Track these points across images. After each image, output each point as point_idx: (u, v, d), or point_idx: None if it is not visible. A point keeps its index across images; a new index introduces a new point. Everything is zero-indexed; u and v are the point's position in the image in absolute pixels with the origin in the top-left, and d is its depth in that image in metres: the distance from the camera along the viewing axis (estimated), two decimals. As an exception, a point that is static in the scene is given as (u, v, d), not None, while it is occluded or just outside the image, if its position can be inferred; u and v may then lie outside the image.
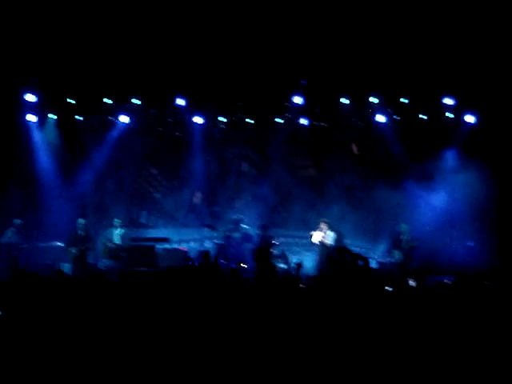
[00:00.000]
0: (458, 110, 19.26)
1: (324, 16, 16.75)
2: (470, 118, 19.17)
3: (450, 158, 19.27)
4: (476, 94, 18.54)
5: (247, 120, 20.60)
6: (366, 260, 10.79)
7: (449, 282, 10.95)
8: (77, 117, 19.94)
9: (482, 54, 17.12)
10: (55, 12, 16.41)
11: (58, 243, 18.42)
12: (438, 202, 18.80)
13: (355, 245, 20.30)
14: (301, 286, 10.98)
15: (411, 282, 11.98)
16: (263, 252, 17.69)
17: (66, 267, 17.41)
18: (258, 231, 19.15)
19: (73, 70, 18.18)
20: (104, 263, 18.24)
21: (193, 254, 18.99)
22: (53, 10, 16.34)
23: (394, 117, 19.96)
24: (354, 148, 21.12)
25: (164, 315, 8.42)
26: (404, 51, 17.45)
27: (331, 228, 18.02)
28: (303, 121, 20.42)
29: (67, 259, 17.69)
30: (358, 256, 10.79)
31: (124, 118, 19.82)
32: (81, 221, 18.00)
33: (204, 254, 14.66)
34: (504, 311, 8.13)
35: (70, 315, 8.41)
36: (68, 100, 19.17)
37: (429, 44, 17.16)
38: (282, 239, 18.91)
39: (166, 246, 19.54)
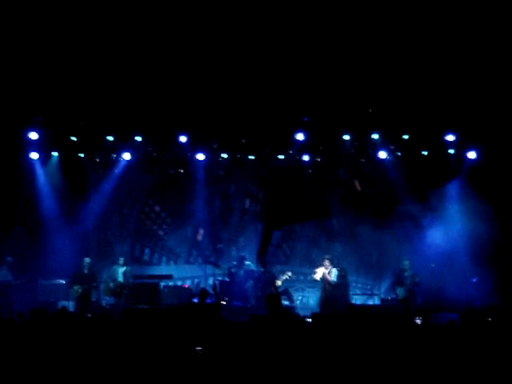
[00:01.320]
0: (460, 146, 19.28)
1: (326, 54, 16.84)
2: (471, 154, 19.17)
3: (451, 193, 19.25)
4: (477, 130, 18.59)
5: (249, 156, 20.61)
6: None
7: (455, 321, 10.88)
8: (79, 154, 19.93)
9: (482, 90, 17.20)
10: (58, 50, 16.50)
11: (61, 281, 18.39)
12: (440, 237, 18.74)
13: (359, 281, 20.32)
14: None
15: (417, 321, 11.97)
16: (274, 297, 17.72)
17: (69, 304, 17.40)
18: (262, 268, 19.16)
19: (75, 107, 18.24)
20: (107, 301, 18.20)
21: (196, 292, 18.97)
22: (56, 48, 16.44)
23: (396, 153, 19.98)
24: (357, 184, 21.12)
25: (163, 353, 8.38)
26: (405, 88, 17.52)
27: (334, 264, 17.97)
28: (305, 157, 20.42)
29: (69, 297, 17.65)
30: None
31: (126, 155, 19.83)
32: (87, 260, 18.04)
33: (201, 292, 14.53)
34: (507, 348, 8.09)
35: (74, 353, 8.40)
36: (71, 137, 19.18)
37: (429, 81, 17.23)
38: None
39: (169, 283, 19.50)
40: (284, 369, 7.96)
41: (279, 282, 18.19)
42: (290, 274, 18.43)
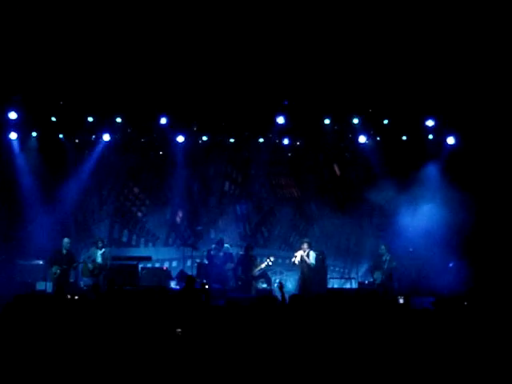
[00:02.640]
0: (439, 132, 19.39)
1: (307, 38, 16.84)
2: (450, 140, 19.30)
3: (429, 178, 19.37)
4: (457, 116, 18.70)
5: (229, 139, 20.61)
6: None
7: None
8: (59, 135, 19.82)
9: (462, 76, 17.29)
10: (38, 30, 16.37)
11: (39, 261, 18.35)
12: (419, 222, 18.86)
13: (336, 265, 20.44)
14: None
15: (400, 300, 12.13)
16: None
17: (47, 285, 17.40)
18: (241, 252, 19.21)
19: (55, 88, 18.13)
20: (85, 282, 18.18)
21: (174, 274, 19.02)
22: (35, 28, 16.31)
23: (376, 138, 20.08)
24: (336, 169, 21.21)
25: (141, 335, 8.41)
26: (385, 73, 17.57)
27: (313, 248, 18.05)
28: (286, 141, 20.46)
29: (48, 278, 17.62)
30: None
31: (106, 137, 19.75)
32: (66, 240, 17.97)
33: (188, 278, 14.52)
34: (481, 331, 8.20)
35: (51, 333, 8.40)
36: (50, 118, 19.06)
37: (410, 66, 17.29)
38: (263, 259, 18.83)
39: (148, 264, 19.52)
40: (262, 351, 8.01)
41: (261, 266, 18.27)
42: (272, 259, 18.49)
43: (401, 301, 12.04)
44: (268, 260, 18.35)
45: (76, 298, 11.97)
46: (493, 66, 16.94)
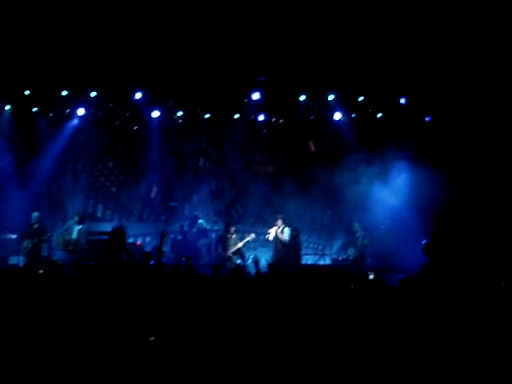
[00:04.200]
0: (413, 109, 19.48)
1: (283, 14, 16.80)
2: (424, 117, 19.41)
3: (404, 156, 19.46)
4: (431, 94, 18.77)
5: (205, 115, 20.57)
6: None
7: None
8: (32, 108, 19.68)
9: (437, 54, 17.35)
10: (12, 4, 16.23)
11: (11, 235, 18.28)
12: (392, 200, 18.95)
13: (310, 241, 20.52)
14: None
15: (370, 276, 12.21)
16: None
17: (19, 259, 17.34)
18: (215, 227, 19.26)
19: (29, 61, 17.97)
20: (58, 256, 18.12)
21: (148, 249, 19.00)
22: (10, 2, 16.17)
23: (351, 115, 20.14)
24: (311, 145, 21.25)
25: (110, 308, 8.43)
26: (361, 50, 17.60)
27: (287, 224, 18.10)
28: (261, 117, 20.46)
29: (20, 252, 17.56)
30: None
31: (80, 111, 19.64)
32: (35, 214, 17.87)
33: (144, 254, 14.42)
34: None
35: (23, 307, 8.39)
36: (24, 91, 18.92)
37: (385, 45, 17.33)
38: (239, 235, 18.86)
39: (121, 240, 19.47)
40: (235, 326, 8.07)
41: (241, 244, 18.29)
42: (253, 235, 18.51)
43: (371, 277, 12.12)
44: (249, 237, 18.39)
45: (42, 271, 11.91)
46: (467, 44, 17.00)
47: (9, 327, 7.94)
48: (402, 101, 19.25)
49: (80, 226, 17.96)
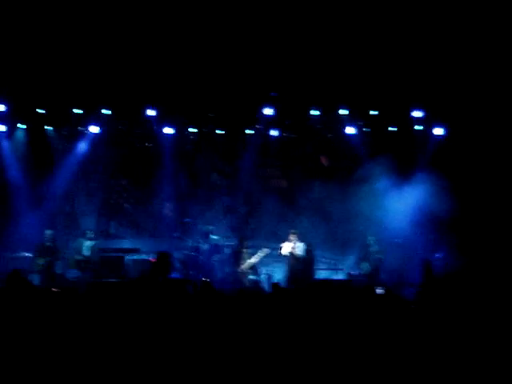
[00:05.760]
0: (427, 123, 19.44)
1: (294, 29, 16.83)
2: (438, 131, 19.35)
3: (418, 169, 19.43)
4: (445, 107, 18.73)
5: (218, 131, 20.61)
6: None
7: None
8: (46, 127, 19.78)
9: (451, 67, 17.32)
10: (24, 22, 16.32)
11: (26, 254, 18.33)
12: (406, 213, 18.89)
13: (324, 256, 20.44)
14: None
15: (379, 290, 12.11)
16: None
17: (34, 277, 17.36)
18: (228, 243, 19.26)
19: (43, 79, 18.07)
20: (72, 274, 18.15)
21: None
22: (22, 19, 16.26)
23: (364, 129, 20.11)
24: (324, 160, 21.23)
25: (128, 326, 8.42)
26: (373, 64, 17.58)
27: (301, 239, 18.06)
28: (273, 132, 20.47)
29: (34, 269, 17.60)
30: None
31: (94, 129, 19.73)
32: (49, 232, 17.92)
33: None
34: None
35: (38, 325, 8.40)
36: (37, 110, 19.02)
37: (398, 57, 17.31)
38: (254, 250, 18.84)
39: (136, 256, 19.49)
40: (247, 342, 8.05)
41: (254, 259, 18.26)
42: (266, 250, 18.48)
43: (379, 291, 12.01)
44: (264, 251, 18.35)
45: (59, 290, 11.92)
46: (480, 55, 16.97)
47: (24, 345, 7.95)
48: (416, 114, 19.18)
49: (92, 243, 18.00)
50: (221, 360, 7.72)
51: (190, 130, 20.46)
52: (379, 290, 12.04)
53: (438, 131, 19.40)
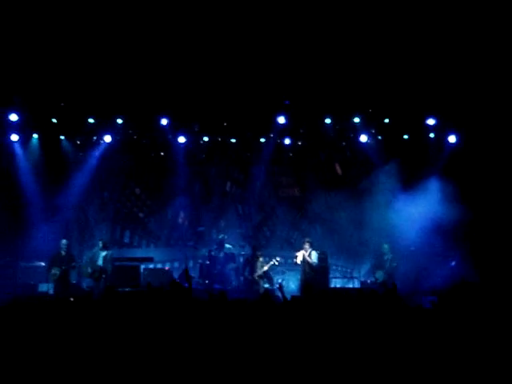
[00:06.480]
0: (440, 130, 19.40)
1: (308, 38, 16.83)
2: (451, 139, 19.31)
3: (430, 177, 19.37)
4: (458, 115, 18.70)
5: (231, 140, 20.63)
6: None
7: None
8: (60, 136, 19.84)
9: (464, 75, 17.28)
10: (38, 31, 16.38)
11: (40, 263, 18.37)
12: (421, 220, 18.84)
13: (338, 264, 20.41)
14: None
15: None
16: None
17: (49, 287, 17.40)
18: (243, 252, 19.26)
19: (56, 89, 18.14)
20: (87, 283, 18.18)
21: (176, 274, 19.02)
22: (36, 28, 16.32)
23: (377, 137, 20.08)
24: (338, 168, 21.21)
25: (144, 335, 8.41)
26: (386, 72, 17.57)
27: (315, 247, 18.04)
28: (287, 140, 20.47)
29: (49, 279, 17.63)
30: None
31: (107, 138, 19.77)
32: (63, 241, 17.94)
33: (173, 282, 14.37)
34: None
35: (54, 334, 8.40)
36: (51, 119, 19.08)
37: (411, 65, 17.29)
38: (266, 259, 18.82)
39: (150, 265, 19.52)
40: (261, 351, 8.02)
41: (266, 267, 18.25)
42: (278, 259, 18.47)
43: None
44: (274, 260, 18.34)
45: (73, 299, 11.93)
46: (493, 63, 16.93)
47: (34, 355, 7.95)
48: (429, 122, 19.14)
49: (105, 253, 18.01)
50: (237, 369, 7.70)
51: (203, 138, 20.44)
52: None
53: (452, 139, 19.34)
